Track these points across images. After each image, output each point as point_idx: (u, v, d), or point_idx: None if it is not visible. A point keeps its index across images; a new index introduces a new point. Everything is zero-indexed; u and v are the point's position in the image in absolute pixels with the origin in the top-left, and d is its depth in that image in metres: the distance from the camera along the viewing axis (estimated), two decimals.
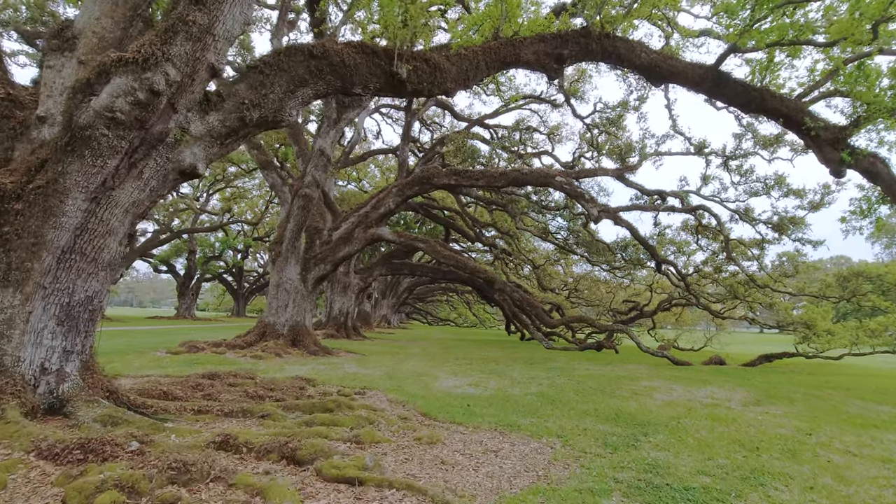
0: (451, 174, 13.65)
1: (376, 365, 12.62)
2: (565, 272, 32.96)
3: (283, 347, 13.86)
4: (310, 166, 14.06)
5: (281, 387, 7.43)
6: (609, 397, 8.37)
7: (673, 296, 20.89)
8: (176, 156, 5.01)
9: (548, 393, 8.60)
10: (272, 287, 14.77)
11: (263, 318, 14.89)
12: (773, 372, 13.65)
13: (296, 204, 14.29)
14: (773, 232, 15.12)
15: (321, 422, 5.24)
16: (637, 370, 13.08)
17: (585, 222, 18.68)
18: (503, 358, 15.63)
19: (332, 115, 13.88)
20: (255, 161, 15.29)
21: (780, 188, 14.61)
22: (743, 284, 16.46)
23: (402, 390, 8.49)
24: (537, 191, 18.81)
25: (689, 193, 15.53)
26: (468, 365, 13.29)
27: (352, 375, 10.20)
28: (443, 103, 25.91)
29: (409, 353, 17.17)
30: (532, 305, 14.53)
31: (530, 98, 22.77)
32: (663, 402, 8.07)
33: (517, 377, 10.78)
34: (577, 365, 14.02)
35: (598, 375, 11.38)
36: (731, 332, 26.08)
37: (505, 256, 28.01)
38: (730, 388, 9.98)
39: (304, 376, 9.09)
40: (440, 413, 6.51)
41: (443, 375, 10.87)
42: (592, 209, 12.48)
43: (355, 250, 14.61)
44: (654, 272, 21.20)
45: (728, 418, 6.84)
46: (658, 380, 11.00)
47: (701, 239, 17.49)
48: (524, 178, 13.11)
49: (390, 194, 14.16)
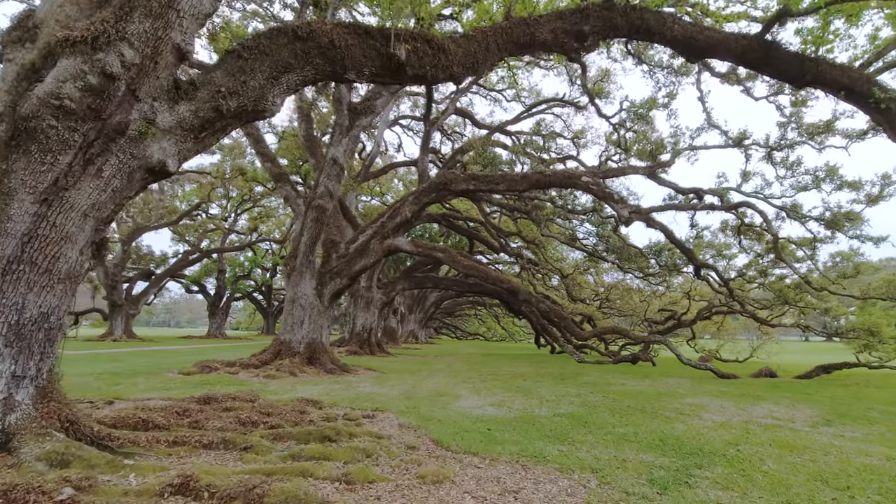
0: (469, 179, 12.91)
1: (394, 383, 11.85)
2: (596, 281, 31.62)
3: (298, 366, 13.25)
4: (322, 176, 13.56)
5: (280, 411, 6.73)
6: (650, 418, 7.35)
7: (713, 303, 19.46)
8: (141, 151, 4.41)
9: (579, 414, 7.63)
10: (287, 303, 14.24)
11: (279, 335, 14.35)
12: (834, 385, 12.24)
13: (309, 216, 13.78)
14: (826, 229, 13.71)
15: (311, 455, 4.48)
16: (679, 385, 11.91)
17: (615, 226, 17.57)
18: (531, 373, 14.63)
19: (343, 123, 13.39)
20: (269, 174, 14.92)
21: (833, 180, 13.23)
22: (793, 288, 15.02)
23: (416, 412, 7.67)
24: (562, 195, 17.85)
25: (728, 190, 14.30)
26: (493, 382, 12.38)
27: (365, 395, 9.45)
28: (463, 111, 25.36)
29: (431, 369, 16.34)
30: (560, 317, 13.55)
31: (552, 101, 21.97)
32: (715, 424, 7.01)
33: (545, 395, 9.81)
34: (612, 380, 12.92)
35: (635, 392, 10.30)
36: (778, 341, 24.28)
37: (531, 267, 26.98)
38: (790, 405, 8.78)
39: (311, 398, 8.38)
40: (455, 440, 5.67)
41: (464, 394, 10.01)
42: (622, 211, 11.50)
43: (371, 262, 13.96)
44: (692, 278, 19.86)
45: (797, 444, 5.76)
46: (704, 396, 9.85)
47: (743, 240, 16.12)
48: (547, 181, 12.26)
49: (406, 203, 13.50)
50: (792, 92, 14.14)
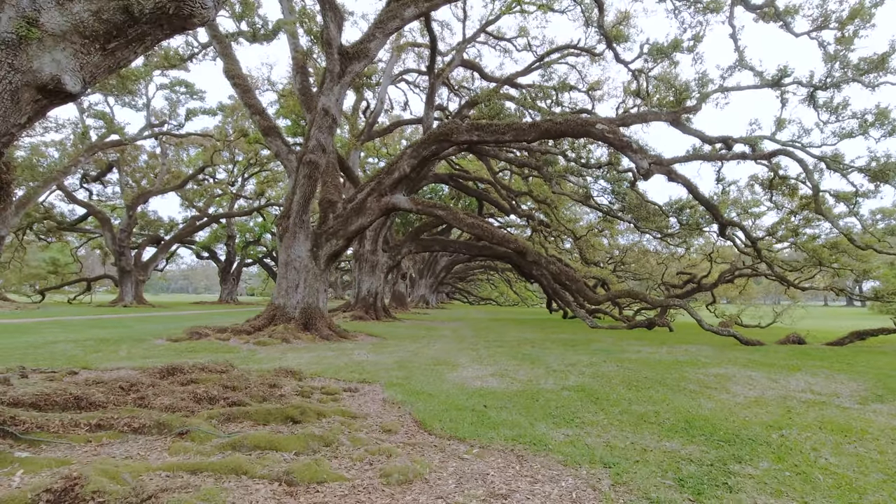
0: (472, 129, 11.73)
1: (393, 350, 11.11)
2: (610, 244, 30.38)
3: (293, 332, 12.56)
4: (313, 129, 12.48)
5: (249, 384, 5.94)
6: (672, 392, 6.44)
7: (736, 265, 18.24)
8: (25, 63, 3.42)
9: (590, 386, 6.75)
10: (281, 266, 13.45)
11: (273, 300, 13.64)
12: (871, 353, 11.18)
13: (300, 172, 12.79)
14: (871, 182, 12.27)
15: (255, 444, 3.66)
16: (700, 352, 10.97)
17: (633, 181, 16.26)
18: (540, 340, 13.80)
19: (334, 69, 12.19)
20: (258, 127, 13.88)
21: (883, 125, 11.72)
22: (829, 248, 13.73)
23: (406, 385, 6.86)
24: (575, 147, 16.50)
25: (761, 139, 12.83)
26: (498, 349, 11.57)
27: (356, 365, 8.69)
28: (470, 64, 23.75)
29: (436, 335, 15.62)
30: (572, 279, 12.56)
31: (566, 48, 20.32)
32: (748, 400, 6.07)
33: (553, 364, 8.96)
34: (627, 346, 12.03)
35: (653, 361, 9.39)
36: (804, 305, 23.06)
37: (543, 229, 25.83)
38: (829, 377, 7.79)
39: (293, 367, 7.61)
40: (442, 421, 4.83)
41: (465, 363, 9.20)
42: (642, 161, 10.29)
43: (369, 221, 13.01)
44: (714, 239, 18.61)
45: (853, 428, 4.81)
46: (730, 365, 8.90)
47: (775, 195, 14.70)
48: (558, 129, 11.03)
49: (405, 156, 12.40)
50: (838, 26, 12.52)
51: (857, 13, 12.35)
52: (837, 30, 12.75)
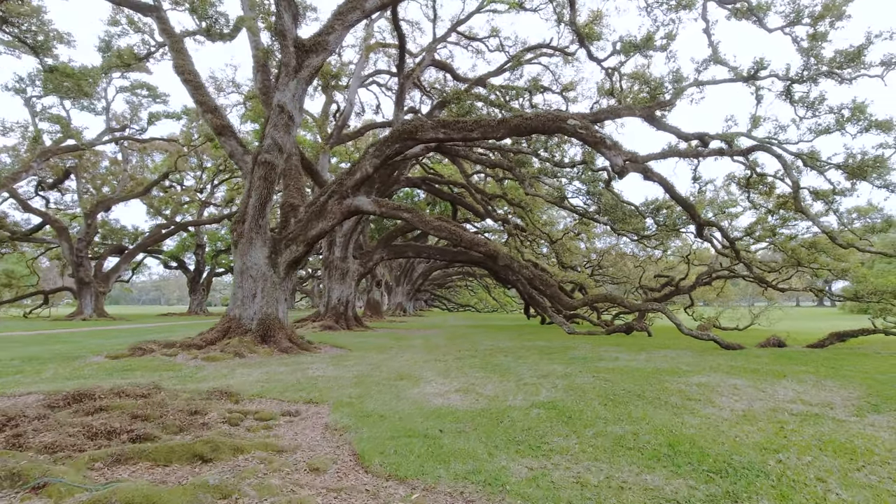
0: (438, 126, 11.04)
1: (355, 363, 10.29)
2: (587, 248, 30.03)
3: (248, 345, 11.62)
4: (269, 127, 11.63)
5: (167, 412, 5.08)
6: (653, 407, 5.80)
7: (714, 267, 17.93)
8: None
9: (563, 403, 6.06)
10: (236, 275, 12.52)
11: (228, 311, 12.68)
12: (854, 355, 10.81)
13: (256, 174, 11.91)
14: (849, 179, 11.97)
15: (128, 500, 2.84)
16: (680, 359, 10.43)
17: (608, 181, 15.77)
18: (515, 348, 13.13)
19: (290, 62, 11.38)
20: (210, 126, 12.95)
21: (859, 120, 11.46)
22: (807, 248, 13.43)
23: (358, 405, 6.08)
24: (548, 146, 15.96)
25: (737, 135, 12.48)
26: (470, 359, 10.84)
27: (309, 381, 7.85)
28: (441, 64, 23.18)
29: (406, 345, 14.82)
30: (547, 284, 11.94)
31: (539, 47, 19.89)
32: (735, 415, 5.46)
33: (525, 375, 8.27)
34: (605, 353, 11.43)
35: (632, 370, 8.78)
36: (781, 306, 22.95)
37: (519, 233, 25.28)
38: (817, 384, 7.28)
39: (230, 388, 6.75)
40: (385, 453, 4.07)
41: (429, 376, 8.44)
42: (616, 158, 9.74)
43: (330, 226, 12.19)
44: (691, 241, 18.31)
45: (856, 448, 4.21)
46: (712, 373, 8.34)
47: (753, 194, 14.38)
48: (529, 125, 10.43)
49: (367, 156, 11.64)
50: (811, 21, 12.26)
51: (829, 9, 12.12)
52: (810, 26, 12.51)
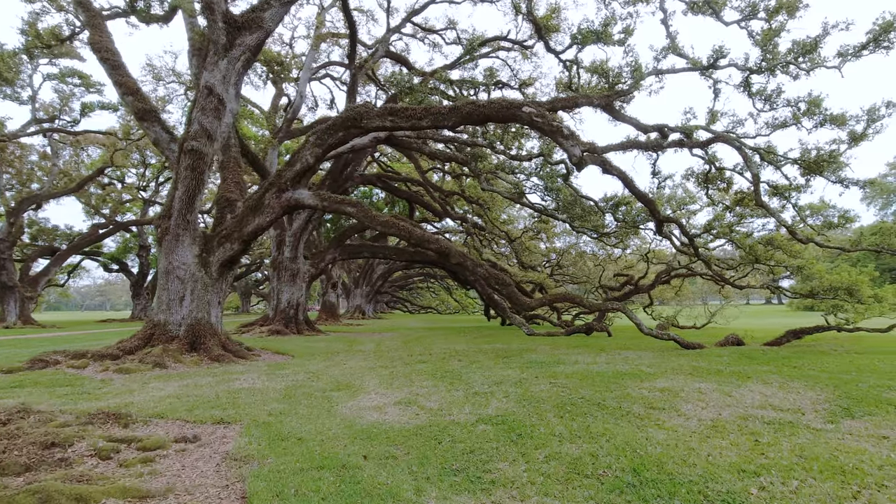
0: (385, 114, 10.18)
1: (291, 372, 9.28)
2: (547, 248, 29.76)
3: (173, 354, 10.38)
4: (195, 111, 10.45)
5: (17, 444, 4.01)
6: (614, 418, 5.13)
7: (672, 265, 17.81)
8: None
9: (514, 416, 5.32)
10: (161, 275, 11.23)
11: (152, 316, 11.38)
12: (812, 353, 10.63)
13: (182, 163, 10.70)
14: (805, 174, 11.86)
15: None
16: (641, 360, 9.94)
17: (566, 175, 15.29)
18: (471, 351, 12.39)
19: (219, 40, 10.24)
20: (130, 109, 11.62)
21: (815, 115, 11.34)
22: (764, 244, 13.31)
23: (276, 426, 5.15)
24: (504, 139, 15.33)
25: (696, 128, 12.20)
26: (420, 365, 10.02)
27: (230, 396, 6.82)
28: (397, 56, 22.30)
29: (355, 349, 13.86)
30: (502, 283, 11.26)
31: (496, 40, 19.32)
32: (704, 425, 4.86)
33: (477, 383, 7.51)
34: (563, 356, 10.83)
35: (591, 374, 8.16)
36: (736, 304, 23.23)
37: (478, 232, 24.65)
38: (783, 386, 6.83)
39: (120, 410, 5.67)
40: (284, 496, 3.19)
41: (371, 386, 7.57)
42: (574, 148, 9.15)
43: (268, 221, 11.10)
44: (651, 239, 18.16)
45: (842, 465, 3.64)
46: (675, 375, 7.82)
47: (711, 190, 14.19)
48: (482, 112, 9.72)
49: (307, 145, 10.63)
50: (767, 16, 12.11)
51: (784, 4, 12.00)
52: (766, 21, 12.37)
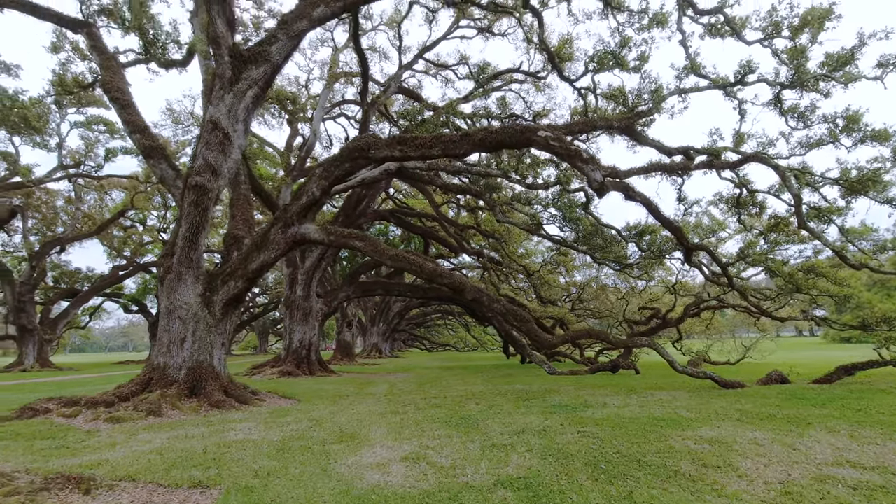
0: (394, 143, 9.77)
1: (293, 420, 8.54)
2: (567, 281, 28.77)
3: (171, 400, 9.75)
4: (200, 146, 10.20)
5: None
6: (661, 481, 4.27)
7: (702, 297, 16.75)
8: None
9: (538, 477, 4.50)
10: (162, 316, 10.75)
11: (152, 359, 10.83)
12: (872, 392, 9.47)
13: (186, 199, 10.38)
14: (846, 196, 10.92)
15: None
16: (677, 402, 8.95)
17: (585, 203, 14.61)
18: (489, 394, 11.49)
19: (225, 74, 10.08)
20: (138, 147, 11.46)
21: (855, 132, 10.52)
22: (805, 272, 12.25)
23: (259, 491, 4.42)
24: (519, 167, 14.74)
25: (724, 150, 11.46)
26: (433, 410, 9.18)
27: (217, 451, 6.10)
28: (409, 92, 22.32)
29: (366, 392, 13.05)
30: (521, 318, 10.47)
31: (509, 72, 19.16)
32: (771, 490, 3.97)
33: (495, 432, 6.66)
34: (590, 398, 9.88)
35: (624, 420, 7.24)
36: (773, 338, 21.78)
37: (495, 267, 23.93)
38: (853, 435, 5.85)
39: (84, 473, 5.01)
40: None
41: (377, 437, 6.78)
42: (595, 173, 8.53)
43: (273, 258, 10.62)
44: (679, 268, 17.15)
45: None
46: (721, 422, 6.86)
47: (743, 214, 13.27)
48: (495, 139, 9.23)
49: (314, 177, 10.24)
50: (791, 34, 11.57)
51: (808, 21, 11.47)
52: (790, 39, 11.83)
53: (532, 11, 14.41)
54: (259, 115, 27.06)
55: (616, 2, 12.68)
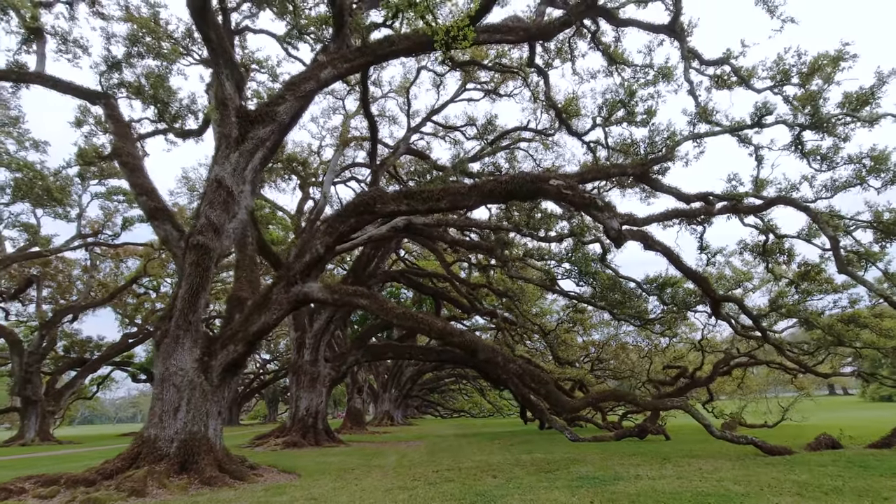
0: (400, 197, 9.52)
1: (289, 499, 7.68)
2: (585, 340, 27.63)
3: (159, 477, 8.93)
4: (203, 204, 10.04)
5: None
6: None
7: (731, 353, 15.69)
8: None
9: None
10: (156, 383, 10.15)
11: (142, 431, 10.11)
12: None
13: (187, 259, 10.09)
14: (878, 241, 10.27)
15: None
16: (721, 473, 7.93)
17: (602, 254, 14.05)
18: (507, 464, 10.45)
19: (231, 133, 10.11)
20: (144, 209, 11.40)
21: (883, 172, 10.00)
22: (846, 322, 11.37)
23: None
24: (531, 221, 14.39)
25: (745, 195, 11.01)
26: (445, 485, 8.25)
27: None
28: (418, 152, 22.63)
29: (375, 464, 12.03)
30: (539, 381, 9.69)
31: (517, 130, 19.37)
32: None
33: None
34: (620, 469, 8.86)
35: (664, 496, 6.31)
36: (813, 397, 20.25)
37: (509, 327, 23.10)
38: None
39: None
40: None
41: None
42: (611, 221, 8.11)
43: (275, 319, 10.14)
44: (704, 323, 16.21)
45: None
46: (779, 496, 5.92)
47: (770, 262, 12.55)
48: (504, 189, 8.93)
49: (318, 233, 9.94)
50: (801, 80, 11.44)
51: (818, 67, 11.38)
52: (799, 86, 11.70)
53: (538, 70, 14.67)
54: (272, 180, 27.57)
55: (620, 57, 12.81)
